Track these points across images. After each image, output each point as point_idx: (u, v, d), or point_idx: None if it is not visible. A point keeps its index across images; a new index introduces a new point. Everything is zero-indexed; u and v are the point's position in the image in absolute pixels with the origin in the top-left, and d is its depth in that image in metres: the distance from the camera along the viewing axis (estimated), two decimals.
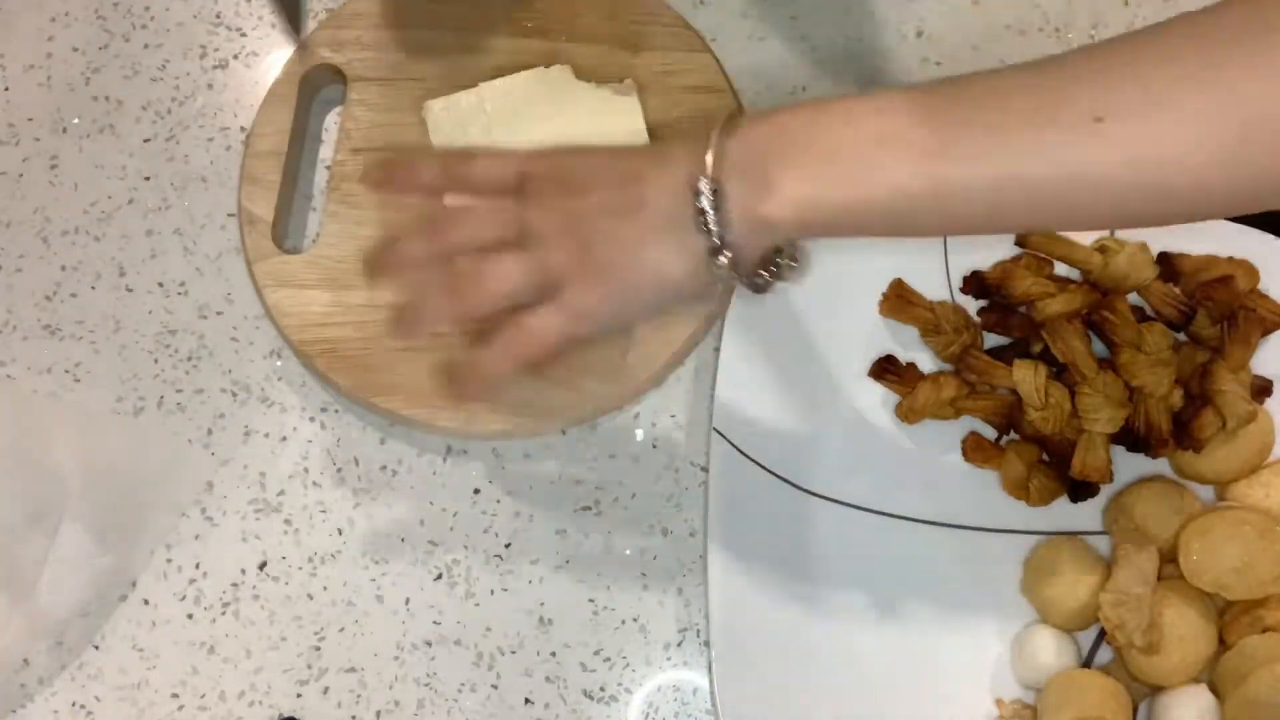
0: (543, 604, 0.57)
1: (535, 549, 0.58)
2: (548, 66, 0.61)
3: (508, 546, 0.58)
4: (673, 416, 0.60)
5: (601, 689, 0.56)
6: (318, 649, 0.56)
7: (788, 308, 0.59)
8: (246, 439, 0.59)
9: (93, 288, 0.62)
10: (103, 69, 0.65)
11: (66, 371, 0.61)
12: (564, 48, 0.63)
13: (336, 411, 0.60)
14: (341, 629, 0.56)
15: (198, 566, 0.57)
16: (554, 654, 0.56)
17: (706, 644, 0.55)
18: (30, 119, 0.65)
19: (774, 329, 0.59)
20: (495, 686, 0.56)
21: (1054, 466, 0.56)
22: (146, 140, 0.65)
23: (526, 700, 0.55)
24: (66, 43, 0.66)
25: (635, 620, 0.57)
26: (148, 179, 0.64)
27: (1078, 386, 0.55)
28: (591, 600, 0.57)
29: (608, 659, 0.56)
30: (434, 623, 0.56)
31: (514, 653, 0.56)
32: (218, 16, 0.67)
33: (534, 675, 0.56)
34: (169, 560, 0.57)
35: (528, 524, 0.58)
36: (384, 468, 0.59)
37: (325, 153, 0.64)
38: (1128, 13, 0.67)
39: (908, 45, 0.65)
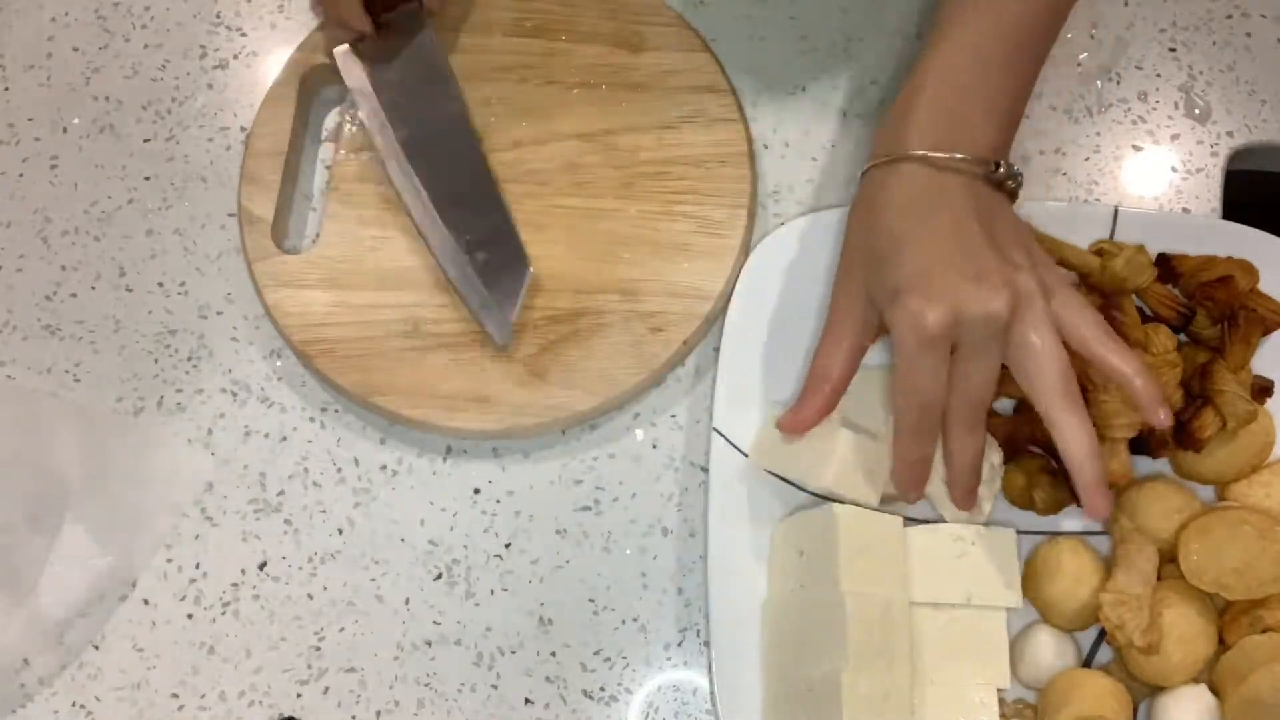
0: (543, 604, 0.57)
1: (535, 549, 0.58)
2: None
3: (507, 546, 0.58)
4: (673, 416, 0.60)
5: (601, 689, 0.56)
6: (318, 649, 0.56)
7: (788, 308, 0.59)
8: (246, 439, 0.59)
9: (93, 287, 0.62)
10: (103, 69, 0.65)
11: (66, 371, 0.61)
12: (563, 47, 0.63)
13: (336, 411, 0.60)
14: (341, 629, 0.56)
15: (198, 567, 0.57)
16: (554, 654, 0.56)
17: (706, 644, 0.55)
18: (30, 119, 0.65)
19: (774, 329, 0.59)
20: (495, 687, 0.56)
21: (1060, 474, 0.56)
22: (146, 140, 0.65)
23: (526, 700, 0.55)
24: (66, 43, 0.66)
25: (635, 620, 0.57)
26: (148, 179, 0.64)
27: (1090, 394, 0.55)
28: (591, 600, 0.57)
29: (608, 659, 0.56)
30: (434, 623, 0.56)
31: (514, 653, 0.56)
32: (218, 16, 0.67)
33: (534, 675, 0.56)
34: (169, 560, 0.57)
35: (528, 524, 0.58)
36: (384, 467, 0.59)
37: (325, 153, 0.64)
38: (1127, 13, 0.67)
39: (908, 45, 0.65)
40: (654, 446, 0.59)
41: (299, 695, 0.55)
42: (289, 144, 0.61)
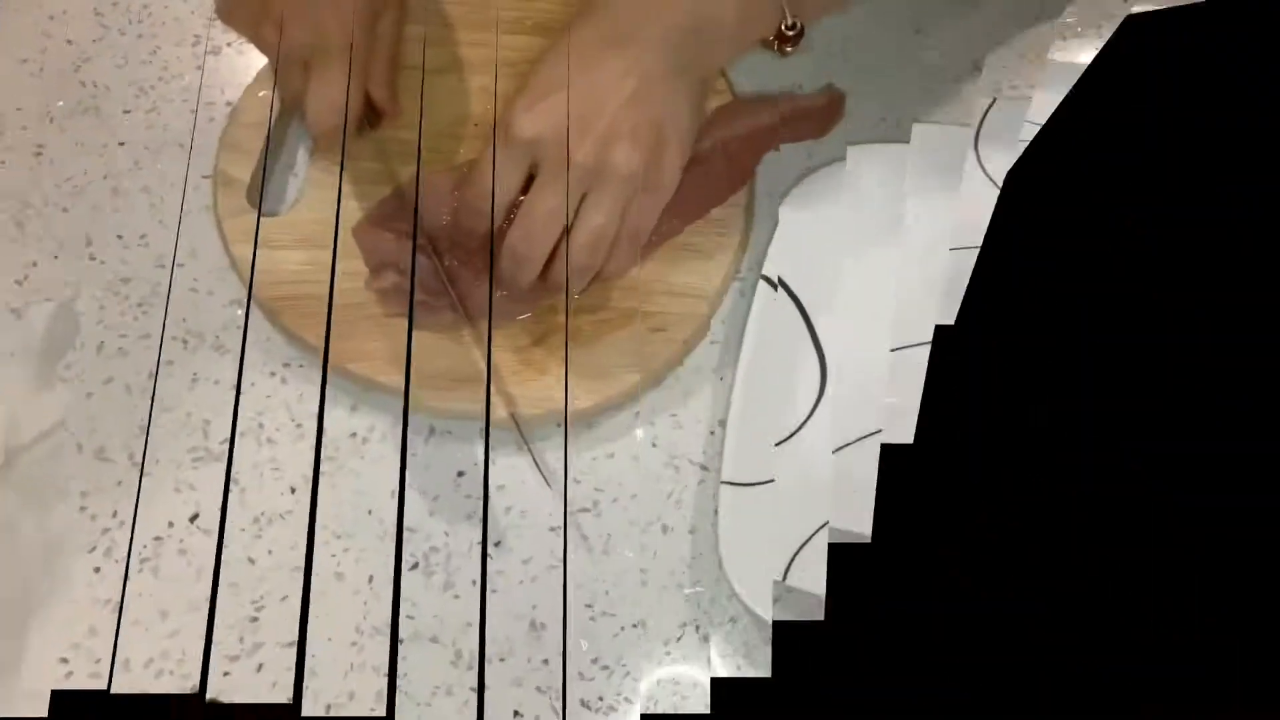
0: (534, 607, 0.48)
1: (526, 549, 0.50)
2: None
3: (497, 545, 0.50)
4: (673, 415, 0.53)
5: (600, 699, 0.46)
6: (255, 619, 0.46)
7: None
8: (194, 385, 0.52)
9: (55, 256, 0.56)
10: (94, 58, 0.63)
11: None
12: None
13: (301, 367, 0.53)
14: (284, 598, 0.47)
15: (114, 515, 0.49)
16: (546, 661, 0.46)
17: (705, 639, 0.47)
18: (19, 109, 0.61)
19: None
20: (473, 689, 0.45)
21: None
22: (126, 112, 0.61)
23: (515, 714, 0.45)
24: (61, 37, 0.64)
25: (635, 625, 0.48)
26: (122, 144, 0.60)
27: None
28: (589, 605, 0.48)
29: (605, 666, 0.46)
30: (407, 616, 0.47)
31: (502, 660, 0.46)
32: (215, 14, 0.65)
33: (524, 685, 0.46)
34: (82, 509, 0.49)
35: (519, 520, 0.50)
36: (354, 435, 0.51)
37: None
38: (1127, 9, 0.67)
39: (908, 43, 0.65)
40: (654, 445, 0.52)
41: (226, 673, 0.45)
42: (276, 118, 0.59)
